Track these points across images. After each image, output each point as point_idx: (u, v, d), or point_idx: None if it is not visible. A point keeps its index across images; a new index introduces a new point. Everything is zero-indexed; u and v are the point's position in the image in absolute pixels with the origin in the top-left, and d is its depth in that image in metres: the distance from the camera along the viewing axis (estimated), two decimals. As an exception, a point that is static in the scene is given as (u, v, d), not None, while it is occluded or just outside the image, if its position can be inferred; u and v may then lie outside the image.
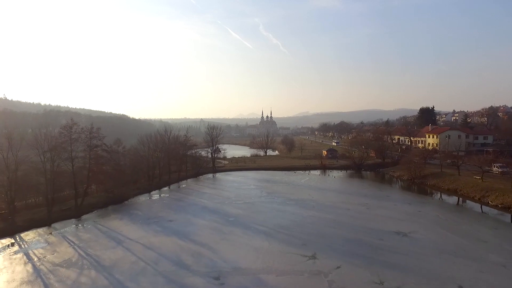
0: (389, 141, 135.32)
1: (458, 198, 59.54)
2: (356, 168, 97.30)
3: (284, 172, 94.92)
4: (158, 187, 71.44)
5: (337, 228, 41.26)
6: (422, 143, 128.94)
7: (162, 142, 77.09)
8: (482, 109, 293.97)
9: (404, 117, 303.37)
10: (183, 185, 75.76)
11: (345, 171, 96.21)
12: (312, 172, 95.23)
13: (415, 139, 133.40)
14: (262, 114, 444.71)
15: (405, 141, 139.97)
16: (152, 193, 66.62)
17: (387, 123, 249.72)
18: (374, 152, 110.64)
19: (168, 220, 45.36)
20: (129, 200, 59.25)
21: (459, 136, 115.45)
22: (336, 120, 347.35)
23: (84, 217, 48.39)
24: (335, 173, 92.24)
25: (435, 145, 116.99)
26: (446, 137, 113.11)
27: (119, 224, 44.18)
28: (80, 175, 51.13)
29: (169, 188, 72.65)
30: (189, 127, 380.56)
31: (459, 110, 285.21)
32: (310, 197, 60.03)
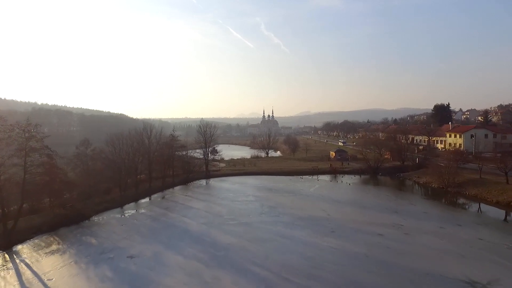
0: (404, 141, 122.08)
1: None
2: (372, 172, 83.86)
3: (288, 177, 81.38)
4: (136, 198, 57.88)
5: (374, 271, 27.66)
6: (441, 143, 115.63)
7: (139, 143, 62.86)
8: (491, 107, 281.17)
9: (411, 116, 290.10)
10: (168, 195, 62.29)
11: (359, 176, 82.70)
12: (321, 177, 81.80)
13: (433, 138, 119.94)
14: (264, 113, 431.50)
15: (421, 141, 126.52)
16: (125, 207, 53.10)
17: (395, 122, 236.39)
18: (389, 153, 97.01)
19: (128, 256, 31.74)
20: (91, 218, 45.73)
21: (486, 136, 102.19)
22: (338, 119, 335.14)
23: (16, 248, 34.78)
24: (348, 179, 78.71)
25: (458, 145, 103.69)
26: (472, 136, 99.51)
27: (55, 262, 30.64)
28: (8, 188, 37.28)
29: (149, 199, 59.21)
30: (189, 126, 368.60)
31: (467, 109, 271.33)
32: (324, 213, 46.49)
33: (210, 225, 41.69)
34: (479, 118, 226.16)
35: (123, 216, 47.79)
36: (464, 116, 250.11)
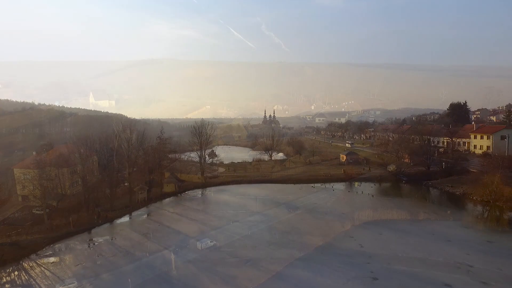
0: (421, 142, 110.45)
1: None
2: (393, 179, 71.94)
3: (298, 186, 69.58)
4: (111, 218, 46.08)
5: None
6: (464, 144, 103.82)
7: (112, 148, 50.96)
8: (499, 106, 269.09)
9: (418, 116, 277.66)
10: (153, 212, 50.59)
11: (378, 184, 70.80)
12: (335, 185, 70.01)
13: (454, 140, 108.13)
14: (265, 113, 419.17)
15: (438, 142, 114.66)
16: (95, 231, 41.39)
17: (404, 122, 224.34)
18: (408, 157, 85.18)
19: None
20: (41, 251, 34.01)
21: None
22: (339, 120, 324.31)
23: None
24: (367, 187, 66.98)
25: (484, 147, 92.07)
26: (503, 138, 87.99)
27: None
28: None
29: (129, 217, 47.53)
30: (188, 126, 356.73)
31: (474, 109, 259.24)
32: (355, 244, 34.71)
33: (200, 264, 29.90)
34: (491, 117, 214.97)
35: (87, 247, 36.04)
36: (475, 116, 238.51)
